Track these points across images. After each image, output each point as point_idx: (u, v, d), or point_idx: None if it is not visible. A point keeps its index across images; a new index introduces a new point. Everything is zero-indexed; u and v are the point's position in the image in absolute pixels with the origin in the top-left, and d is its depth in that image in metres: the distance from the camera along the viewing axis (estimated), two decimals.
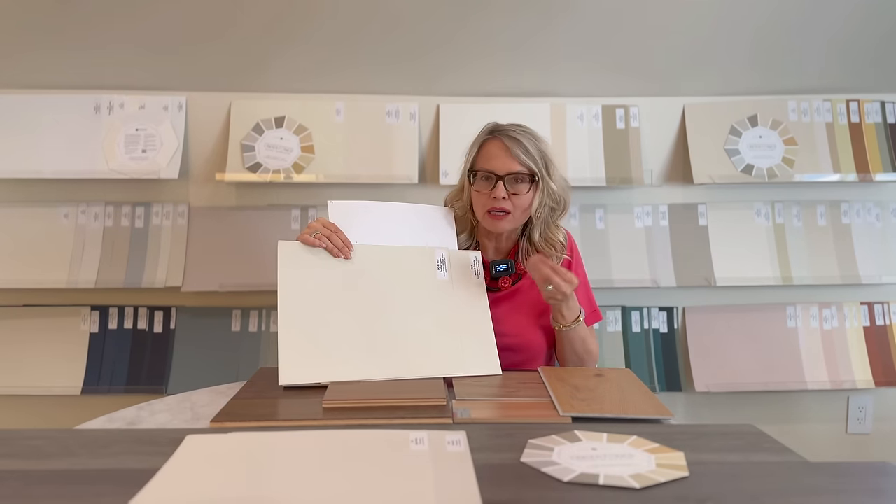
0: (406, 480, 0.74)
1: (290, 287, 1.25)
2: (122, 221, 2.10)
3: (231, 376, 2.02)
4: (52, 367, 2.06)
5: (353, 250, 1.31)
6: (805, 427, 2.25)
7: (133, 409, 1.12)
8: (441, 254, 1.38)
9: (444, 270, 1.36)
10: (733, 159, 2.11)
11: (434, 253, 1.37)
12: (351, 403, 1.06)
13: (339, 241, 1.30)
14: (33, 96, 2.06)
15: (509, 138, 1.39)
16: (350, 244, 1.31)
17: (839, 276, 2.13)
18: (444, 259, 1.37)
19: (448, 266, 1.37)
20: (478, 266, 1.40)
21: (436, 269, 1.35)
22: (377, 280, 1.30)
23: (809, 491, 0.73)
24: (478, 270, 1.39)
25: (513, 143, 1.38)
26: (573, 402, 1.07)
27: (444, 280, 1.35)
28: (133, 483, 0.72)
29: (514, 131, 1.40)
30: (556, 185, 1.42)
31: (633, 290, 2.18)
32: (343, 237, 1.31)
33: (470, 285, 1.37)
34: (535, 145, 1.40)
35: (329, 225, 1.32)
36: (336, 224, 1.34)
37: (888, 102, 2.17)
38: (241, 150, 2.06)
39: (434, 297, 1.32)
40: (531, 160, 1.38)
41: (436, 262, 1.36)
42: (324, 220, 1.33)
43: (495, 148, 1.41)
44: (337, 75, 2.09)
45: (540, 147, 1.41)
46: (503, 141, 1.39)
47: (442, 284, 1.34)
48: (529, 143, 1.39)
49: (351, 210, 1.38)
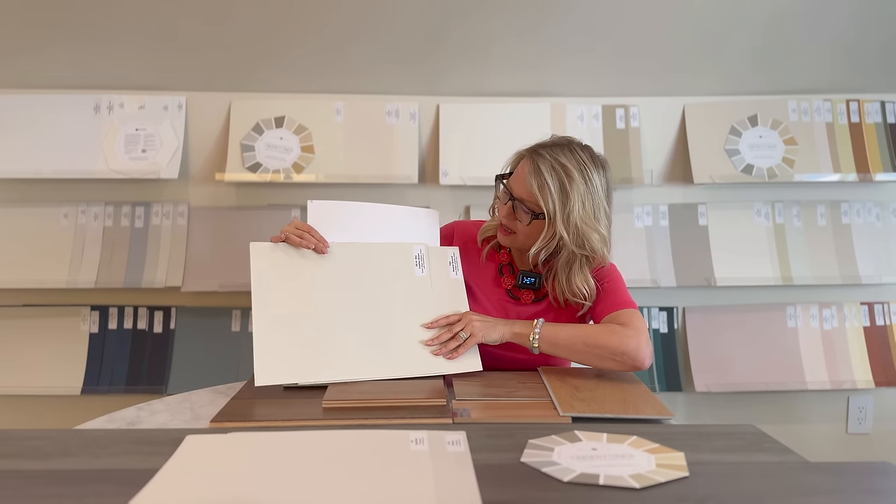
0: (406, 480, 0.74)
1: (264, 288, 1.23)
2: (122, 221, 2.10)
3: (231, 376, 2.02)
4: (52, 367, 2.06)
5: (329, 248, 1.28)
6: (805, 427, 2.25)
7: (133, 409, 1.12)
8: (419, 249, 1.35)
9: (422, 267, 1.34)
10: (733, 159, 2.11)
11: (412, 249, 1.34)
12: (351, 403, 1.06)
13: (312, 239, 1.26)
14: (33, 96, 2.06)
15: (533, 164, 1.28)
16: (325, 242, 1.28)
17: (839, 276, 2.13)
18: (421, 255, 1.34)
19: (426, 262, 1.34)
20: (456, 262, 1.37)
21: (413, 265, 1.33)
22: (353, 278, 1.28)
23: (809, 491, 0.73)
24: (456, 266, 1.37)
25: (534, 171, 1.27)
26: (573, 402, 1.07)
27: (423, 276, 1.33)
28: (133, 483, 0.72)
29: (544, 157, 1.27)
30: (570, 232, 1.26)
31: (633, 290, 2.15)
32: (317, 235, 1.28)
33: (448, 281, 1.34)
34: (558, 180, 1.25)
35: (302, 226, 1.29)
36: (313, 224, 1.30)
37: (888, 102, 2.17)
38: (240, 150, 2.06)
39: (412, 293, 1.30)
40: (543, 196, 1.26)
41: (413, 259, 1.34)
42: (297, 223, 1.29)
43: (524, 166, 1.30)
44: (337, 75, 2.09)
45: (567, 184, 1.25)
46: (530, 163, 1.29)
47: (420, 280, 1.32)
48: (551, 177, 1.25)
49: (331, 210, 1.35)
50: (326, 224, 1.32)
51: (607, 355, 1.21)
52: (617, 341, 1.20)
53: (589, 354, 1.23)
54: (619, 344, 1.20)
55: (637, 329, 1.23)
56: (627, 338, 1.21)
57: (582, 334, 1.24)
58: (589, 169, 1.28)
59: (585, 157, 1.29)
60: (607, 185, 1.32)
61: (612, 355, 1.21)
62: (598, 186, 1.28)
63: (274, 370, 1.17)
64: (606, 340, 1.21)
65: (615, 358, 1.21)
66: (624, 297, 1.35)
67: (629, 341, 1.20)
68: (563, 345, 1.24)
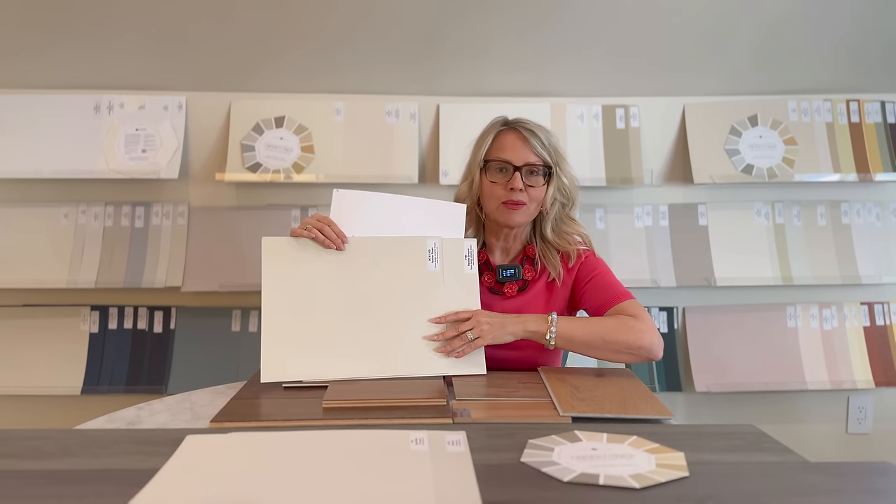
0: (406, 480, 0.74)
1: (274, 283, 1.23)
2: (122, 221, 2.09)
3: (231, 376, 2.02)
4: (52, 367, 2.06)
5: (347, 243, 1.27)
6: (805, 427, 2.25)
7: (133, 409, 1.12)
8: (433, 243, 1.30)
9: (435, 261, 1.30)
10: (733, 159, 2.11)
11: (426, 243, 1.30)
12: (351, 403, 1.06)
13: (331, 233, 1.25)
14: (33, 96, 2.06)
15: (527, 130, 1.39)
16: (344, 236, 1.27)
17: (839, 276, 2.13)
18: (435, 249, 1.30)
19: (440, 256, 1.30)
20: (472, 255, 1.32)
21: (426, 259, 1.29)
22: (364, 274, 1.26)
23: (809, 491, 0.73)
24: (472, 260, 1.32)
25: (530, 135, 1.38)
26: (573, 402, 1.07)
27: (435, 271, 1.29)
28: (133, 483, 0.72)
29: (530, 123, 1.41)
30: (566, 179, 1.42)
31: (633, 290, 2.15)
32: (336, 229, 1.26)
33: (461, 276, 1.30)
34: (549, 139, 1.40)
35: (323, 218, 1.28)
36: (335, 216, 1.29)
37: (888, 102, 2.17)
38: (241, 150, 2.06)
39: (422, 289, 1.27)
40: (546, 153, 1.39)
41: (427, 253, 1.29)
42: (318, 215, 1.29)
43: (512, 139, 1.39)
44: (337, 75, 2.09)
45: (552, 141, 1.41)
46: (521, 132, 1.39)
47: (432, 276, 1.29)
48: (544, 136, 1.40)
49: (356, 200, 1.32)
50: (349, 215, 1.30)
51: (624, 350, 1.26)
52: (634, 337, 1.25)
53: (606, 349, 1.27)
54: (637, 339, 1.25)
55: (649, 322, 1.29)
56: (643, 332, 1.26)
57: (599, 330, 1.27)
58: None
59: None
60: None
61: (629, 350, 1.26)
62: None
63: (280, 367, 1.17)
64: (625, 337, 1.25)
65: (632, 352, 1.26)
66: (620, 288, 1.40)
67: (645, 336, 1.25)
68: (580, 340, 1.27)
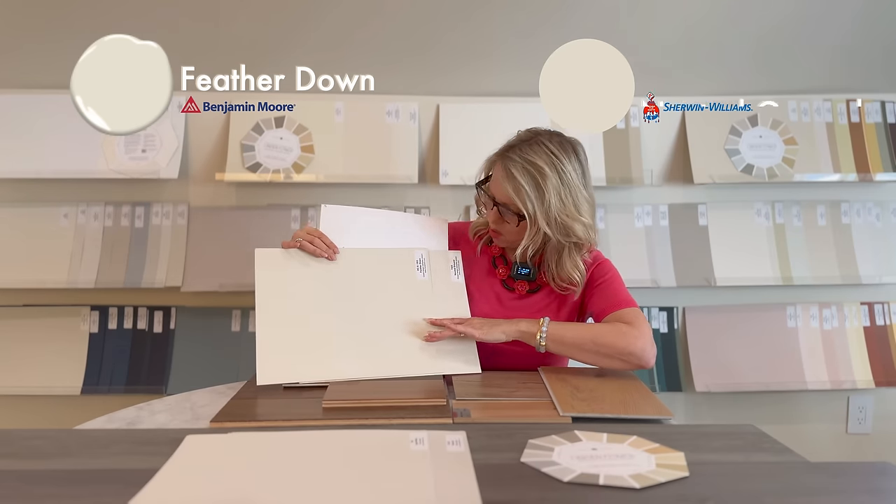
0: (406, 480, 0.74)
1: (268, 293, 1.25)
2: (121, 221, 2.09)
3: (231, 376, 2.01)
4: (52, 367, 2.06)
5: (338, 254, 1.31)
6: (805, 427, 2.25)
7: (133, 409, 1.12)
8: (420, 254, 1.38)
9: (424, 271, 1.37)
10: (733, 159, 2.11)
11: (413, 254, 1.37)
12: (351, 403, 1.06)
13: (322, 244, 1.29)
14: (33, 96, 2.06)
15: (505, 168, 1.29)
16: (335, 247, 1.31)
17: (839, 276, 2.13)
18: (423, 259, 1.38)
19: (428, 266, 1.37)
20: (457, 266, 1.40)
21: (415, 269, 1.36)
22: (355, 282, 1.31)
23: (809, 491, 0.73)
24: (458, 270, 1.40)
25: (507, 175, 1.29)
26: (573, 402, 1.07)
27: (424, 280, 1.36)
28: (133, 483, 0.72)
29: (514, 160, 1.28)
30: (552, 227, 1.28)
31: (633, 290, 2.15)
32: (327, 240, 1.31)
33: (449, 284, 1.37)
34: (532, 181, 1.26)
35: (313, 231, 1.32)
36: (324, 230, 1.33)
37: (888, 102, 2.16)
38: (240, 150, 2.06)
39: (413, 297, 1.33)
40: (521, 199, 1.27)
41: (415, 263, 1.37)
42: (310, 229, 1.33)
43: (497, 171, 1.33)
44: (337, 75, 2.09)
45: (540, 182, 1.26)
46: (502, 167, 1.31)
47: (422, 285, 1.35)
48: (524, 179, 1.26)
49: (344, 215, 1.38)
50: (338, 228, 1.35)
51: (615, 355, 1.22)
52: (624, 342, 1.22)
53: (596, 354, 1.24)
54: (627, 344, 1.21)
55: (643, 329, 1.25)
56: (634, 338, 1.22)
57: (590, 334, 1.25)
58: (560, 160, 1.28)
59: (554, 148, 1.29)
60: (582, 169, 1.33)
61: (619, 355, 1.22)
62: (573, 175, 1.29)
63: (276, 370, 1.18)
64: (614, 340, 1.22)
65: (622, 357, 1.22)
66: (624, 296, 1.36)
67: (636, 342, 1.22)
68: (571, 343, 1.25)
